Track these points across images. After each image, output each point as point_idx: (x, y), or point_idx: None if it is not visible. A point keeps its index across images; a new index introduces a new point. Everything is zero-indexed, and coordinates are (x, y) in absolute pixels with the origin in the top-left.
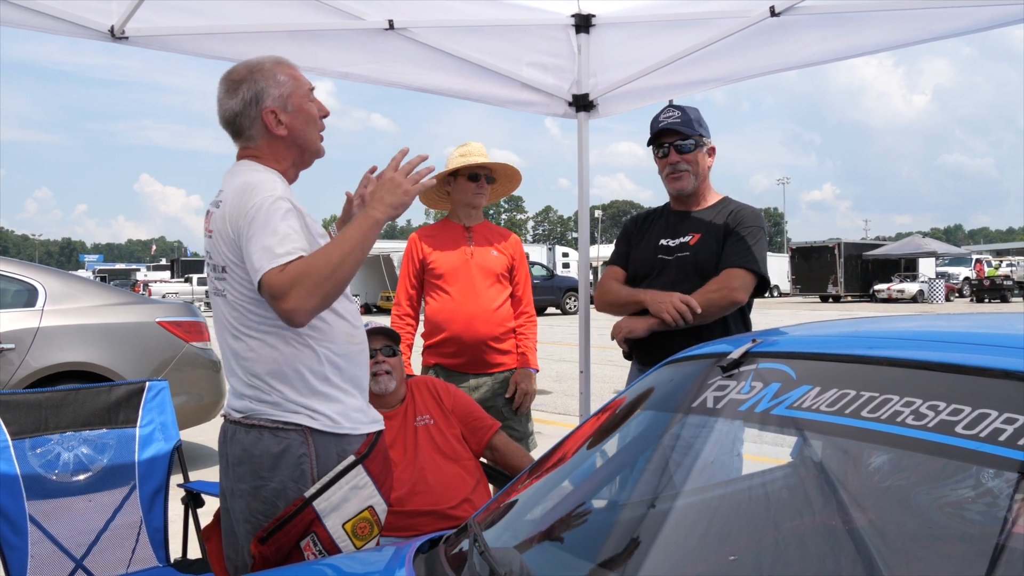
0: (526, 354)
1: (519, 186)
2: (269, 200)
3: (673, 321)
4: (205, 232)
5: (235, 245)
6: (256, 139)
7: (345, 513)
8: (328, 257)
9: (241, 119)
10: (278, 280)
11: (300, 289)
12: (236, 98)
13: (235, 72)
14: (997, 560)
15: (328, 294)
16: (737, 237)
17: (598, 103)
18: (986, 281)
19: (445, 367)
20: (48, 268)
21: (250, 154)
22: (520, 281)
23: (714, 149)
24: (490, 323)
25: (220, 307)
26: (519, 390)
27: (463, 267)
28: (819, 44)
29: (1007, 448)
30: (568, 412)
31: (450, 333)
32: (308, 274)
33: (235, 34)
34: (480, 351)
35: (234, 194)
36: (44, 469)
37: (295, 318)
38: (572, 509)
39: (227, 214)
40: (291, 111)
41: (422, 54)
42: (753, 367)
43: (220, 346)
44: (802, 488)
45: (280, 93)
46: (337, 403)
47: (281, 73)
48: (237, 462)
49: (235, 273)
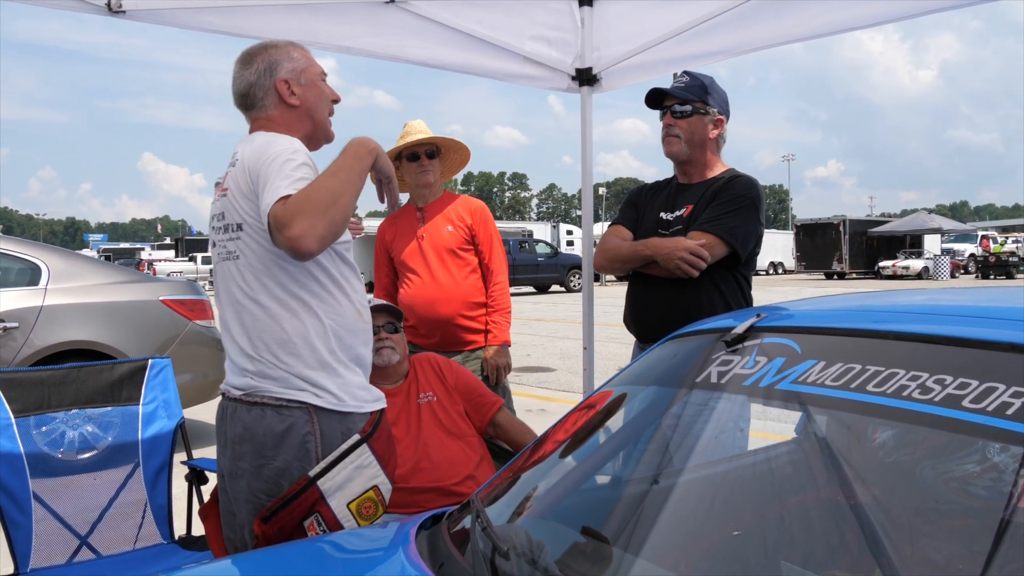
0: (492, 330)
1: (469, 155)
2: (288, 151)
3: (684, 273)
4: (218, 194)
5: (253, 196)
6: (269, 108)
7: (350, 493)
8: (327, 185)
9: (255, 89)
10: (282, 210)
11: (305, 216)
12: (251, 68)
13: (250, 49)
14: (1003, 534)
15: (335, 221)
16: (717, 203)
17: (601, 77)
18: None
19: (417, 346)
20: (51, 247)
21: (262, 124)
22: (485, 249)
23: (722, 121)
24: (452, 302)
25: (230, 272)
26: (489, 365)
27: (416, 250)
28: (824, 16)
29: (1014, 422)
30: (572, 389)
31: (417, 316)
32: (310, 200)
33: (233, 7)
34: (448, 330)
35: (254, 150)
36: (48, 447)
37: (302, 244)
38: (575, 485)
39: (246, 167)
40: (304, 84)
41: (423, 27)
42: (757, 342)
43: (222, 318)
44: (807, 463)
45: (294, 67)
46: (340, 378)
47: (296, 51)
48: (238, 440)
49: (252, 229)
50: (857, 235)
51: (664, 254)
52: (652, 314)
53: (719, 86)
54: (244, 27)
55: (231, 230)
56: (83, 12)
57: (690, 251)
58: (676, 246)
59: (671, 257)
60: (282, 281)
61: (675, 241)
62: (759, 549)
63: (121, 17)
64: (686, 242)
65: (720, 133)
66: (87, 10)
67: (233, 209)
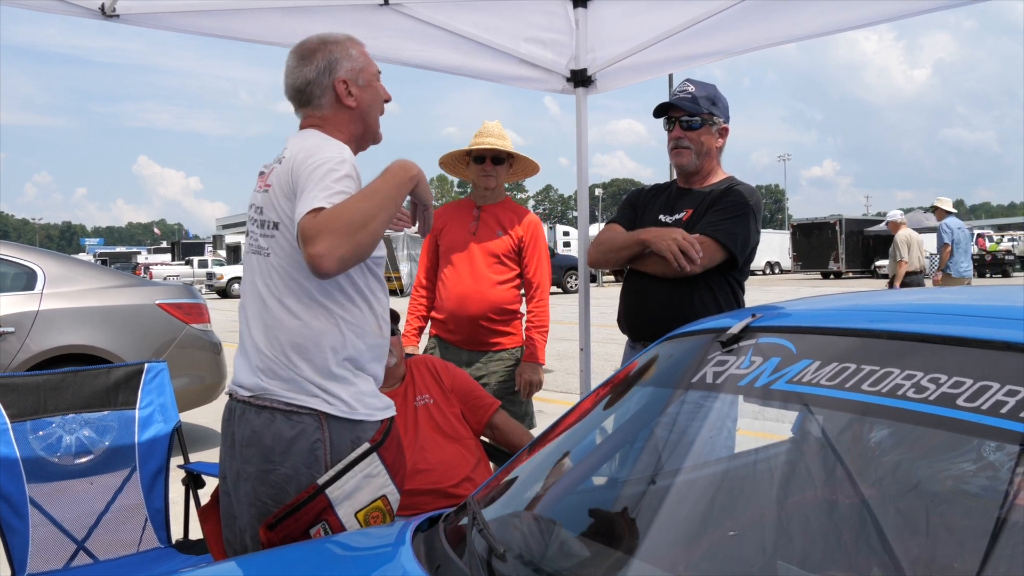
0: (531, 349)
1: (538, 170)
2: (334, 160)
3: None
4: (259, 187)
5: (293, 197)
6: (324, 108)
7: (358, 502)
8: (360, 207)
9: (313, 87)
10: (311, 223)
11: (330, 235)
12: (310, 66)
13: (307, 43)
14: (998, 533)
15: (360, 244)
16: (717, 208)
17: (596, 78)
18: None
19: (443, 339)
20: (47, 251)
21: (314, 123)
22: (531, 264)
23: (726, 130)
24: (482, 303)
25: (258, 267)
26: (523, 380)
27: (464, 245)
28: (819, 16)
29: (1008, 420)
30: (569, 390)
31: (447, 309)
32: (340, 218)
33: (227, 11)
34: (473, 330)
35: (303, 150)
36: (45, 451)
37: (322, 263)
38: (572, 486)
39: (291, 167)
40: (362, 85)
41: (418, 30)
42: (753, 342)
43: (242, 307)
44: (803, 463)
45: (353, 66)
46: (353, 386)
47: (354, 48)
48: (246, 444)
49: (287, 230)
50: (853, 234)
51: (655, 236)
52: (645, 314)
53: (721, 93)
54: (239, 30)
55: (267, 226)
56: (77, 16)
57: (685, 238)
58: (670, 232)
59: (664, 238)
60: (308, 287)
61: (670, 231)
62: (755, 549)
63: (115, 21)
64: (681, 232)
65: (724, 141)
66: (81, 14)
67: (272, 207)
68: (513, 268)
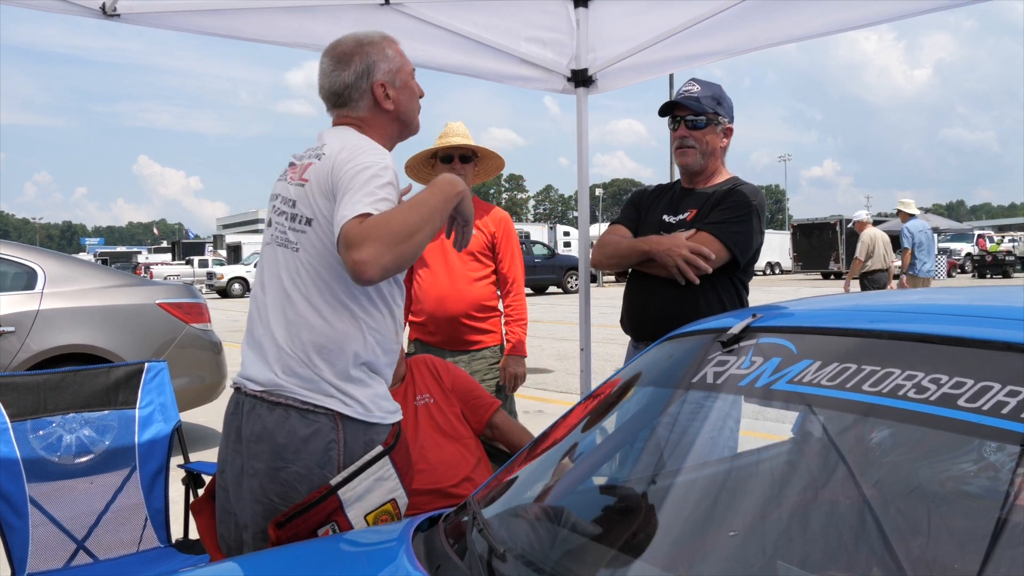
0: (513, 342)
1: (504, 165)
2: (379, 166)
3: (680, 273)
4: (291, 179)
5: (331, 196)
6: (361, 110)
7: (368, 504)
8: (407, 218)
9: (351, 91)
10: (356, 229)
11: (376, 243)
12: (348, 70)
13: (343, 44)
14: (999, 533)
15: (404, 254)
16: (721, 208)
17: (597, 78)
18: (988, 256)
19: (423, 342)
20: (47, 251)
21: (351, 122)
22: (505, 258)
23: (731, 130)
24: (462, 302)
25: (284, 261)
26: (508, 374)
27: (438, 246)
28: (819, 16)
29: (1009, 421)
30: (569, 390)
31: (425, 311)
32: (387, 227)
33: (228, 10)
34: (454, 329)
35: (344, 149)
36: (45, 451)
37: (365, 270)
38: (572, 486)
39: (331, 166)
40: (399, 86)
41: (418, 29)
42: (753, 342)
43: (258, 299)
44: (803, 463)
45: (390, 68)
46: (369, 388)
47: (390, 48)
48: (255, 439)
49: (321, 228)
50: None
51: (662, 251)
52: (648, 314)
53: (726, 94)
54: (240, 29)
55: (299, 221)
56: (78, 16)
57: (692, 250)
58: (675, 243)
59: (669, 254)
60: (336, 288)
61: (673, 239)
62: (756, 549)
63: (116, 20)
64: (686, 241)
65: (729, 141)
66: (82, 13)
67: (307, 202)
68: (488, 264)
